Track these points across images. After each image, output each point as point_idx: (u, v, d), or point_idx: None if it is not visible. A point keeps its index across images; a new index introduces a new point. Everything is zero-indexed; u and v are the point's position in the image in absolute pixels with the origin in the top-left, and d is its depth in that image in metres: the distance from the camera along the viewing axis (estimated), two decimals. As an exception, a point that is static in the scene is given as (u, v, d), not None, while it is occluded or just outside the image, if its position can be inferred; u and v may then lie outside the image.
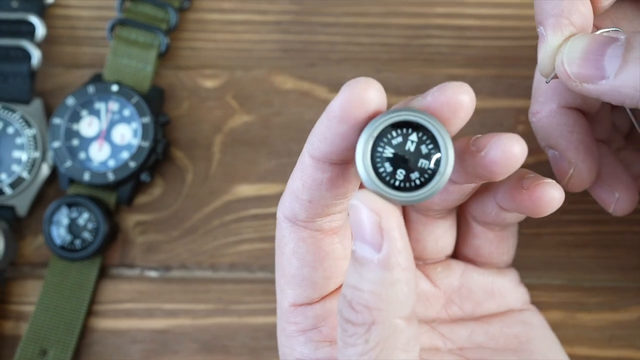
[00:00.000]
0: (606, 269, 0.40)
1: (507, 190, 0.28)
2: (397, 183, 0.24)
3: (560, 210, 0.40)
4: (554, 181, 0.27)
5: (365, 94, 0.23)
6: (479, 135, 0.26)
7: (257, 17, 0.43)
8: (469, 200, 0.30)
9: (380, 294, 0.22)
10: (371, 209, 0.22)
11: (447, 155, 0.24)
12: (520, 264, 0.40)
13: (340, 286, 0.28)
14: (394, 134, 0.24)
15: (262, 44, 0.43)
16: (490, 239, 0.31)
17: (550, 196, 0.27)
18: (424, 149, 0.24)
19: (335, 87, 0.42)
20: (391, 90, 0.41)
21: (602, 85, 0.24)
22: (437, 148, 0.24)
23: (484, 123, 0.41)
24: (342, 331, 0.23)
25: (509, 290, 0.33)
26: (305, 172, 0.25)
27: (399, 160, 0.24)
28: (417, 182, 0.24)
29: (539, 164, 0.40)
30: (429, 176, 0.24)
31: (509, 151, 0.24)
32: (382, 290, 0.22)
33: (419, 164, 0.24)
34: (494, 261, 0.32)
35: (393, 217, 0.23)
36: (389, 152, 0.24)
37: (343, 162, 0.25)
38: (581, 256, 0.40)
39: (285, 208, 0.27)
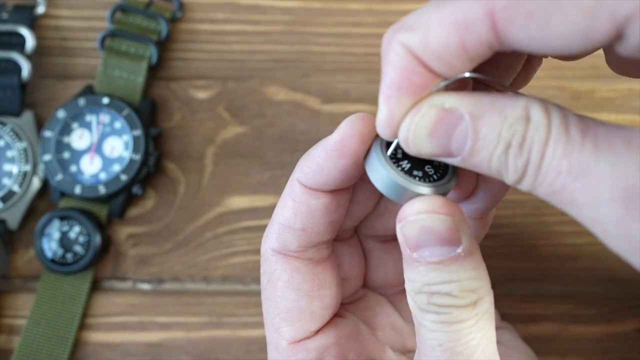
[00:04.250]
0: (600, 281, 0.40)
1: None
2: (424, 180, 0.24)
3: (554, 222, 0.40)
4: None
5: (365, 130, 0.24)
6: None
7: (249, 28, 0.42)
8: None
9: (476, 276, 0.23)
10: (440, 213, 0.22)
11: None
12: (514, 276, 0.40)
13: (334, 317, 0.28)
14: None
15: (254, 54, 0.42)
16: None
17: None
18: None
19: (328, 98, 0.42)
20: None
21: (454, 160, 0.22)
22: None
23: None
24: (442, 314, 0.23)
25: None
26: (298, 200, 0.25)
27: (413, 160, 0.24)
28: (436, 175, 0.24)
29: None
30: (444, 165, 0.24)
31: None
32: (476, 272, 0.23)
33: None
34: None
35: (457, 210, 0.23)
36: (399, 154, 0.24)
37: (336, 189, 0.25)
38: (575, 268, 0.40)
39: (274, 241, 0.26)
